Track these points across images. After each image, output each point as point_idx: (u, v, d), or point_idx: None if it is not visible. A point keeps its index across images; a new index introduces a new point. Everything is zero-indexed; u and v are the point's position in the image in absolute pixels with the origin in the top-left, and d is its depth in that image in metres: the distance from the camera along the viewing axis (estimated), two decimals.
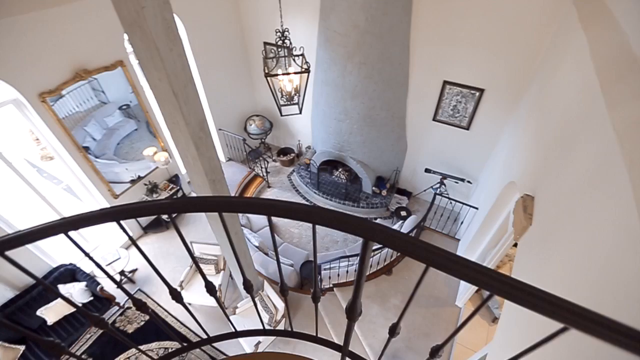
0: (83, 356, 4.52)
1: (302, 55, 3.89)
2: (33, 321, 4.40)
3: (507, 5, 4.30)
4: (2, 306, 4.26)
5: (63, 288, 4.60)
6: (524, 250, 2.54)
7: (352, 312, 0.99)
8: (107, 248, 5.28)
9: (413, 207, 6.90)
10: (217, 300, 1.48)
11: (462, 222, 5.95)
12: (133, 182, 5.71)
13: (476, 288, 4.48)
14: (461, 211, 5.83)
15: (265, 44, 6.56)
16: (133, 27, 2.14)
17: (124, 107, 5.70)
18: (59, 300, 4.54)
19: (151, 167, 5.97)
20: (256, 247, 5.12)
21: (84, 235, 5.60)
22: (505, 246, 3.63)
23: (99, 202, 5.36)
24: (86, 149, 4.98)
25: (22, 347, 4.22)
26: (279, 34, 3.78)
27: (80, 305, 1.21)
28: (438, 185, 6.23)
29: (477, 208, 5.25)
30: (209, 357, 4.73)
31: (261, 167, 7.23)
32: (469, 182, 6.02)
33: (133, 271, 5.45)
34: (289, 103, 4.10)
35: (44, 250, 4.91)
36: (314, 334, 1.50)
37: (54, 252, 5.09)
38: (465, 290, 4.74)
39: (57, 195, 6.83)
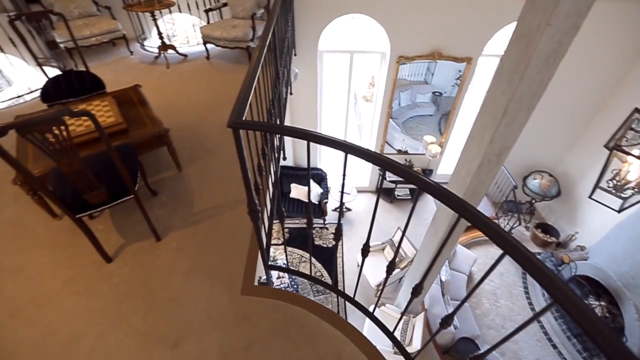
0: (289, 228, 6.10)
1: None
2: (285, 187, 6.25)
3: None
4: (283, 167, 6.24)
5: (311, 184, 6.17)
6: None
7: None
8: (349, 181, 6.45)
9: None
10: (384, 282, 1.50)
11: None
12: (399, 152, 6.43)
13: None
14: None
15: (637, 110, 5.01)
16: (521, 37, 2.12)
17: (437, 93, 6.20)
18: (304, 188, 6.15)
19: (419, 150, 6.44)
20: (440, 280, 4.77)
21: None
22: None
23: (371, 149, 6.48)
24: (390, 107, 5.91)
25: None
26: None
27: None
28: None
29: None
30: (337, 309, 5.24)
31: (507, 223, 6.26)
32: None
33: (348, 209, 6.49)
34: (612, 191, 3.10)
35: (321, 152, 6.63)
36: None
37: (321, 156, 6.77)
38: None
39: (351, 126, 8.79)
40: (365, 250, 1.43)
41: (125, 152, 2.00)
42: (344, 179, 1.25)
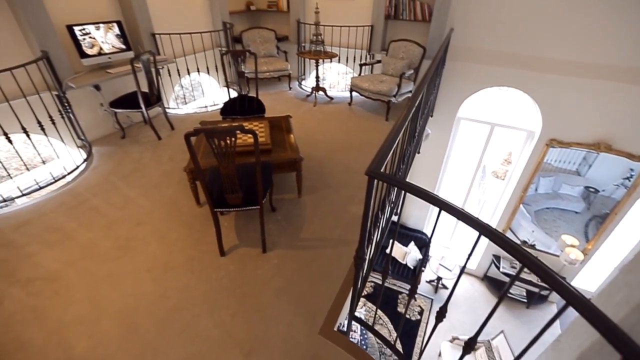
0: (373, 283, 5.83)
1: None
2: (385, 241, 6.06)
3: None
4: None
5: (411, 246, 5.82)
6: None
7: None
8: (453, 257, 5.83)
9: None
10: None
11: None
12: (524, 243, 5.50)
13: None
14: None
15: None
16: None
17: (591, 189, 5.15)
18: (404, 248, 5.84)
19: (550, 249, 5.40)
20: None
21: (458, 235, 6.46)
22: None
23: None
24: None
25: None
26: None
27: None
28: None
29: None
30: None
31: None
32: None
33: (444, 287, 5.81)
34: None
35: (430, 217, 6.25)
36: None
37: (429, 221, 6.34)
38: None
39: (470, 199, 8.05)
40: (470, 347, 1.23)
41: (265, 169, 2.32)
42: (467, 259, 1.13)
